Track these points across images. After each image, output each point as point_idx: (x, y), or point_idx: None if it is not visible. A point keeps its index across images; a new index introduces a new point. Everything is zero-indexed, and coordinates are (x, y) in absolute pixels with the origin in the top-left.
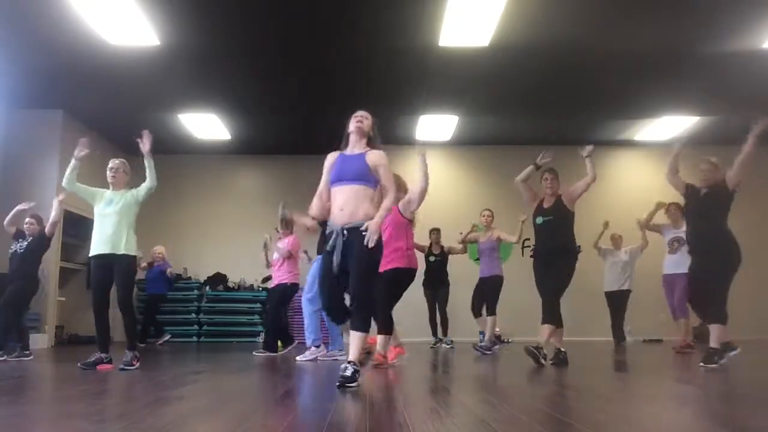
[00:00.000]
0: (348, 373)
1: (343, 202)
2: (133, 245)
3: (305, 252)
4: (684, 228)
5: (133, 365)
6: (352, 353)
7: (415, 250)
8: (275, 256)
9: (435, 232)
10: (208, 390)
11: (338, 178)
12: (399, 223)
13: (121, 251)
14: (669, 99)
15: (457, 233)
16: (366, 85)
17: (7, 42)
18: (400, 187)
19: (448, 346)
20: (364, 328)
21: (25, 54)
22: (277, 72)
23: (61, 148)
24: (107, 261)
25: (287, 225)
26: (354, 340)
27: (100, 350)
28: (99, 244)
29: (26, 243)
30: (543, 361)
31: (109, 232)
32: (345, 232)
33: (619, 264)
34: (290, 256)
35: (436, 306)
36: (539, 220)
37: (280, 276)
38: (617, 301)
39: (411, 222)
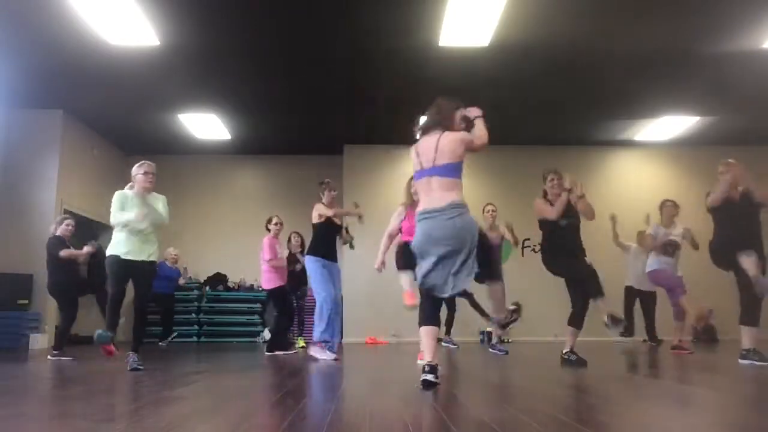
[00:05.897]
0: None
1: None
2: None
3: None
4: (676, 230)
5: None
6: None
7: None
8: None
9: None
10: (208, 390)
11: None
12: None
13: (153, 258)
14: (669, 99)
15: None
16: (366, 85)
17: (7, 42)
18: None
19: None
20: None
21: (25, 54)
22: (277, 72)
23: (61, 148)
24: (135, 264)
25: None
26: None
27: (111, 329)
28: (132, 251)
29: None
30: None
31: (142, 240)
32: None
33: (641, 262)
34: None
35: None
36: (563, 222)
37: (276, 278)
38: (645, 302)
39: None
